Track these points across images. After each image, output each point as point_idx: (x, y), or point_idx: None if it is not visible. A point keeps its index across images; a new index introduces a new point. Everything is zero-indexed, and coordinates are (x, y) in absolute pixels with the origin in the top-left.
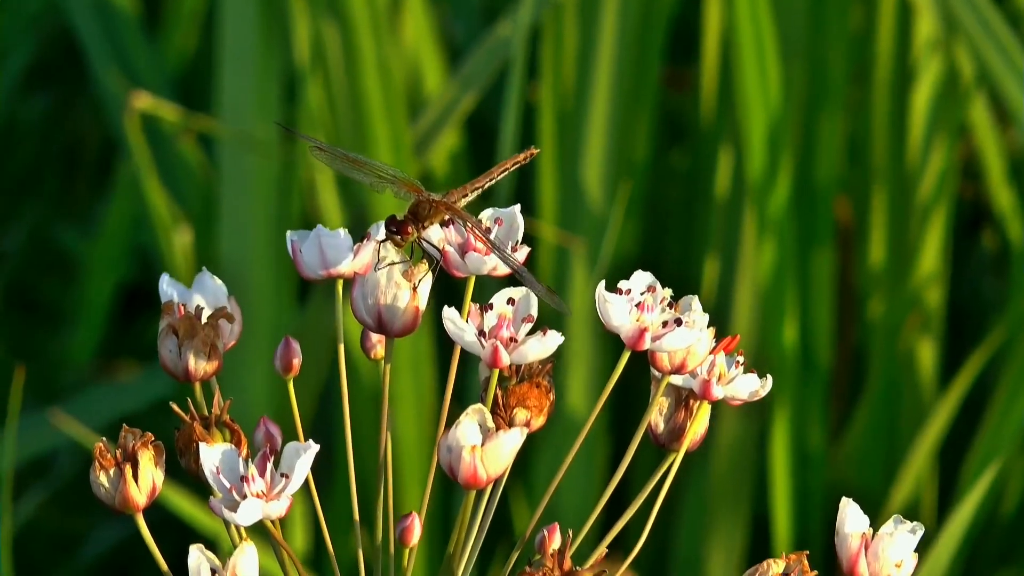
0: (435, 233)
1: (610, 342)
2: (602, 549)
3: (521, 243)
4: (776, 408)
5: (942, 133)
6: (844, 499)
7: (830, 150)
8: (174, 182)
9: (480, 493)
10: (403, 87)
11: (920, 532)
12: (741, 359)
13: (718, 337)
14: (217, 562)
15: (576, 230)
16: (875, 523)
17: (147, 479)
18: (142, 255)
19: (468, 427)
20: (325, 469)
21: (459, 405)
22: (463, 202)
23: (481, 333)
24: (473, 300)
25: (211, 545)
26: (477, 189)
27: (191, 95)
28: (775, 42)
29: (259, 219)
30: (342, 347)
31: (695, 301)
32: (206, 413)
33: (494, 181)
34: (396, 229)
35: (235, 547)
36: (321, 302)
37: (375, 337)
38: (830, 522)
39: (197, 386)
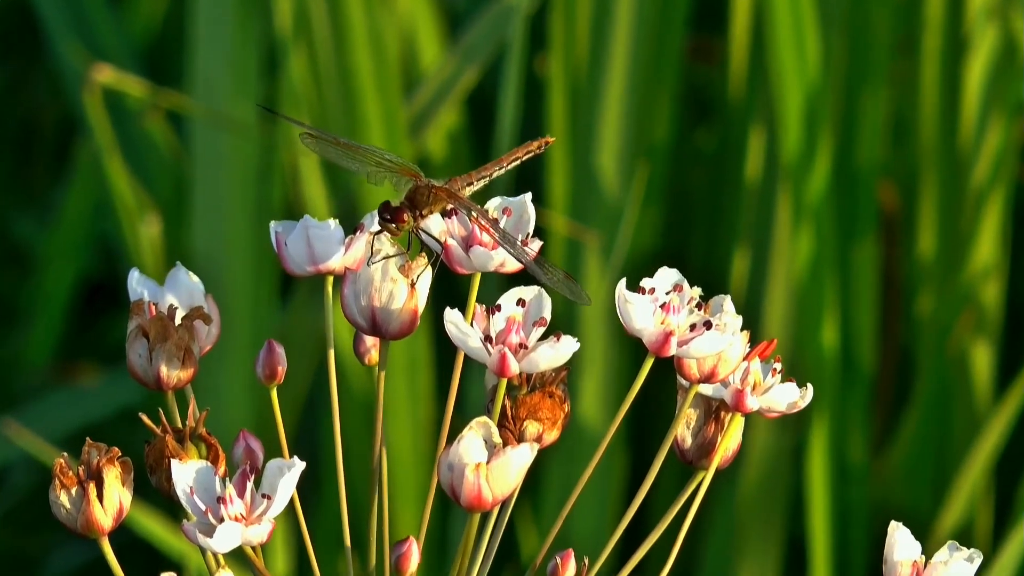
0: (435, 224)
1: (627, 345)
2: None
3: (532, 236)
4: (813, 418)
5: (998, 110)
6: (893, 523)
7: (873, 129)
8: (141, 165)
9: (485, 516)
10: (397, 60)
11: (978, 560)
12: (778, 366)
13: (752, 341)
14: None
15: (589, 221)
16: (924, 547)
17: (113, 499)
18: (105, 246)
19: (472, 442)
20: (312, 488)
21: (461, 417)
22: (468, 191)
23: (487, 338)
24: (478, 300)
25: (183, 572)
26: (484, 178)
27: (159, 68)
28: (813, 8)
29: (236, 207)
30: (332, 352)
31: (727, 301)
32: (179, 425)
33: (504, 171)
34: (391, 216)
35: None
36: (307, 301)
37: (369, 340)
38: (872, 544)
39: (170, 395)
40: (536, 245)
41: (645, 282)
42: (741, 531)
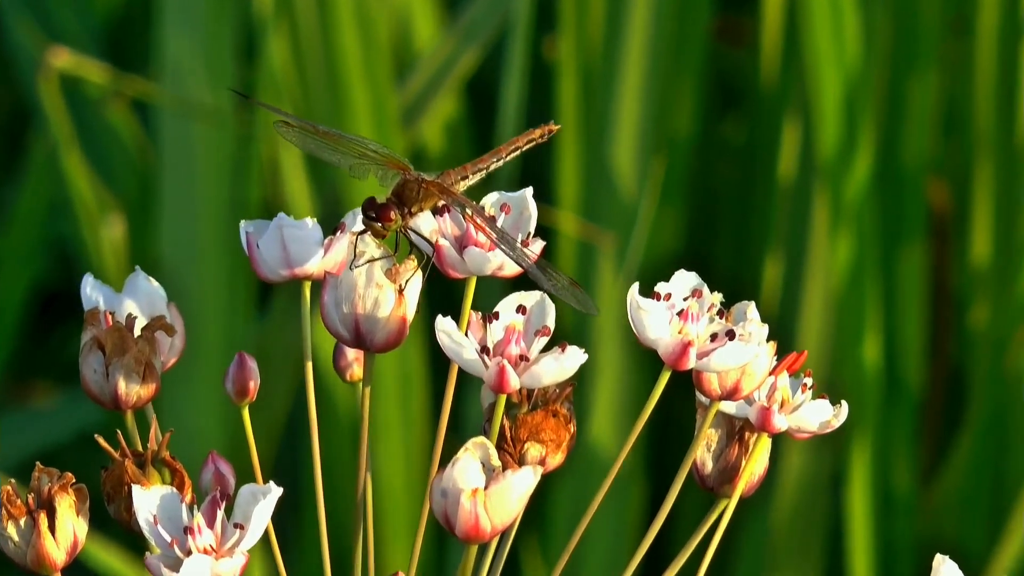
0: (426, 223)
1: (643, 358)
2: None
3: (534, 235)
4: (854, 441)
5: None
6: (939, 556)
7: (921, 119)
8: (102, 160)
9: (483, 548)
10: (388, 41)
11: None
12: (809, 381)
13: (780, 353)
14: None
15: (603, 221)
16: None
17: (67, 531)
18: (61, 251)
19: (468, 466)
20: (290, 518)
21: (456, 438)
22: (462, 185)
23: (484, 349)
24: (474, 307)
25: None
26: (480, 171)
27: (123, 51)
28: None
29: (209, 207)
30: (310, 365)
31: (751, 308)
32: (140, 448)
33: (502, 162)
34: (376, 214)
35: None
36: (286, 311)
37: (352, 354)
38: None
39: (129, 414)
40: (538, 246)
41: (660, 287)
42: (772, 566)
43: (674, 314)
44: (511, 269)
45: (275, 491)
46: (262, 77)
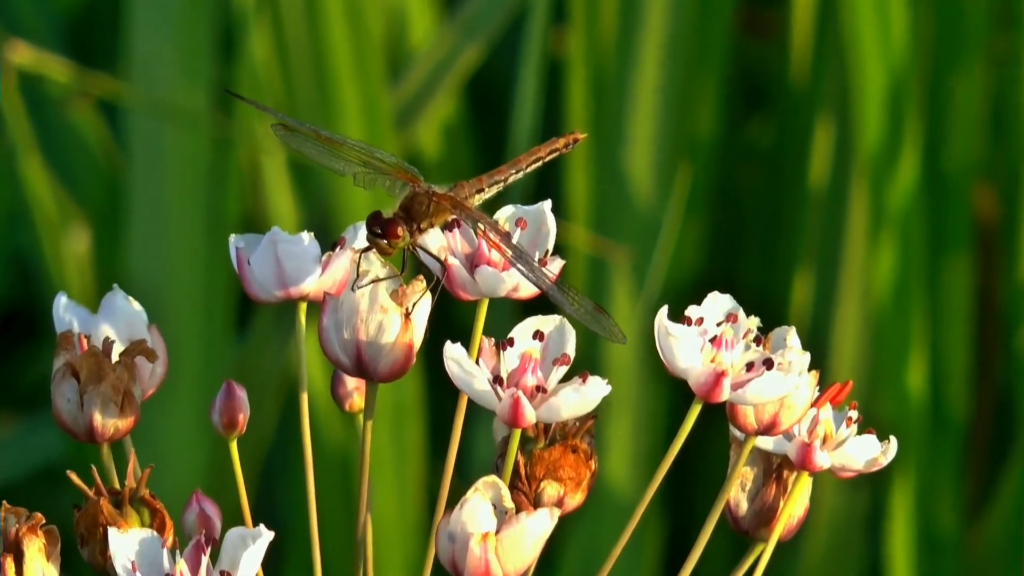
0: (435, 239)
1: (667, 388)
2: None
3: (553, 253)
4: (895, 476)
5: None
6: None
7: (966, 119)
8: (64, 165)
9: None
10: (381, 36)
11: None
12: (854, 414)
13: (821, 383)
14: None
15: (618, 235)
16: None
17: None
18: (20, 265)
19: (478, 508)
20: (269, 563)
21: (464, 477)
22: (477, 199)
23: (497, 379)
24: (486, 333)
25: None
26: (497, 183)
27: (88, 47)
28: None
29: (182, 218)
30: (305, 397)
31: (791, 334)
32: (117, 486)
33: (522, 174)
34: (382, 230)
35: None
36: (269, 333)
37: (352, 382)
38: None
39: (105, 448)
40: (557, 265)
41: (692, 310)
42: None
43: (707, 341)
44: (527, 291)
45: (266, 535)
46: (242, 75)
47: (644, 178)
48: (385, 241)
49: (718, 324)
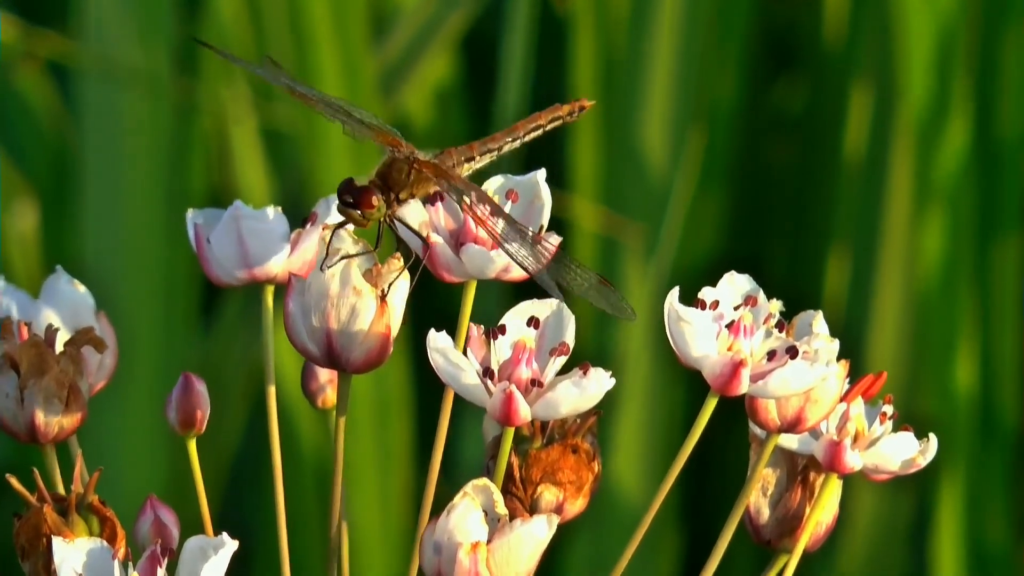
0: (415, 214)
1: (679, 380)
2: None
3: (547, 229)
4: (942, 482)
5: None
6: None
7: (1018, 82)
8: (9, 135)
9: None
10: None
11: None
12: (889, 409)
13: (852, 375)
14: None
15: (630, 211)
16: None
17: None
18: None
19: (467, 515)
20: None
21: (451, 480)
22: (465, 168)
23: (488, 372)
24: (474, 319)
25: None
26: (490, 152)
27: (35, 3)
28: None
29: (140, 194)
30: (272, 391)
31: (818, 320)
32: (62, 491)
33: (519, 143)
34: (354, 200)
35: None
36: (238, 321)
37: (325, 375)
38: None
39: (49, 449)
40: (553, 242)
41: (706, 293)
42: None
43: (723, 326)
44: (519, 271)
45: (229, 545)
46: (208, 34)
47: (659, 148)
48: (358, 211)
49: (736, 308)
